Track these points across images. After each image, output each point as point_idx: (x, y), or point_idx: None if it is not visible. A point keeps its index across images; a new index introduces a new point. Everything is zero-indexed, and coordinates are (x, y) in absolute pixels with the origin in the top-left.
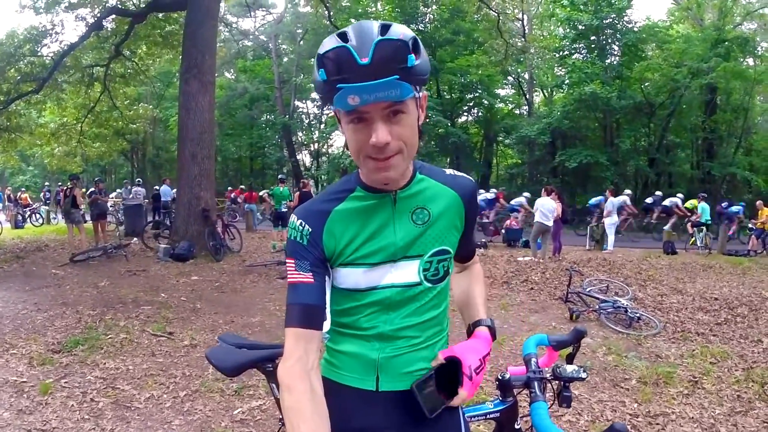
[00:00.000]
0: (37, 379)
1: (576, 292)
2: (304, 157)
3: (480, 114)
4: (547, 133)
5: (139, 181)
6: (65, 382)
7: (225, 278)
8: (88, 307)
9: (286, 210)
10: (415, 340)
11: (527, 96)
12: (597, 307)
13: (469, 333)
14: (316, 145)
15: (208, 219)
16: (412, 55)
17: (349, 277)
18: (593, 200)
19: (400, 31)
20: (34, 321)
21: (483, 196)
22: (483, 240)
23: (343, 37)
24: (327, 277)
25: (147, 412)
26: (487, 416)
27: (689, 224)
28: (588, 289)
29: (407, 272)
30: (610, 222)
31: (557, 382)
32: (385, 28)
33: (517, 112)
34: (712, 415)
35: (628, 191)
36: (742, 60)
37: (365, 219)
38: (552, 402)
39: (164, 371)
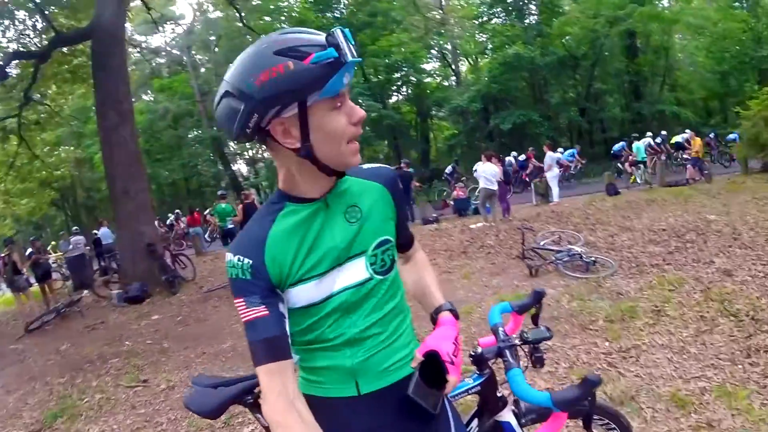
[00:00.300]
0: None
1: (531, 248)
2: (241, 167)
3: (410, 92)
4: (477, 100)
5: (76, 229)
6: None
7: (186, 310)
8: (56, 375)
9: (232, 226)
10: (382, 337)
11: (453, 67)
12: (553, 258)
13: (433, 320)
14: (251, 152)
15: (155, 253)
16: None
17: (302, 294)
18: (616, 146)
19: None
20: (6, 405)
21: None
22: (434, 215)
23: (311, 33)
24: (281, 303)
25: None
26: (469, 391)
27: (627, 164)
28: (542, 243)
29: (356, 271)
30: (552, 175)
31: (527, 345)
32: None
33: (446, 84)
34: (680, 338)
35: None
36: (657, 2)
37: (302, 232)
38: (526, 365)
39: (149, 421)
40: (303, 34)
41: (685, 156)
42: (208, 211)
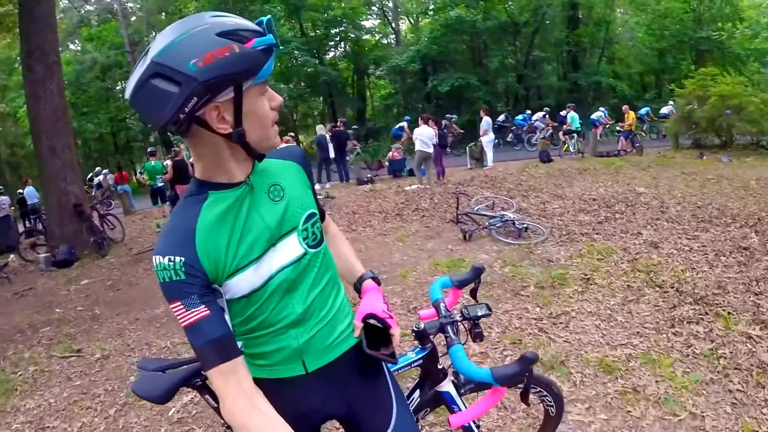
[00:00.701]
0: None
1: (465, 213)
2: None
3: (348, 48)
4: (417, 61)
5: (0, 188)
6: None
7: (116, 273)
8: None
9: (162, 184)
10: (323, 313)
11: (393, 25)
12: (486, 224)
13: (357, 289)
14: None
15: (83, 214)
16: None
17: (242, 282)
18: (594, 116)
19: None
20: None
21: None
22: (369, 175)
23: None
24: (219, 299)
25: None
26: (412, 365)
27: (561, 132)
28: (476, 208)
29: (291, 248)
30: (488, 140)
31: (467, 321)
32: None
33: (385, 41)
34: (607, 306)
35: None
36: None
37: (231, 219)
38: (466, 339)
39: (86, 393)
40: (237, 19)
41: (618, 128)
42: (138, 171)
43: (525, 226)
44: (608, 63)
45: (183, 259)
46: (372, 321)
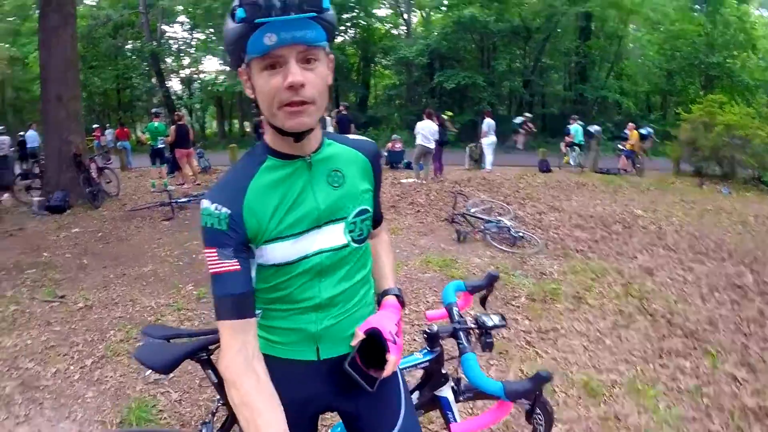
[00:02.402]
0: None
1: (461, 214)
2: (175, 86)
3: (357, 34)
4: (425, 55)
5: (2, 128)
6: None
7: (108, 227)
8: None
9: (162, 146)
10: (348, 305)
11: (405, 17)
12: (482, 227)
13: (378, 302)
14: (187, 71)
15: (81, 164)
16: None
17: (277, 251)
18: (592, 129)
19: None
20: None
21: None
22: None
23: None
24: (251, 259)
25: (57, 389)
26: (418, 366)
27: (562, 144)
28: (472, 210)
29: (334, 236)
30: (488, 142)
31: (480, 329)
32: None
33: (395, 32)
34: (597, 328)
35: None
36: None
37: (284, 189)
38: (474, 345)
39: (65, 340)
40: None
41: (620, 146)
42: (141, 131)
43: (520, 234)
44: (616, 78)
45: (229, 211)
46: (373, 337)
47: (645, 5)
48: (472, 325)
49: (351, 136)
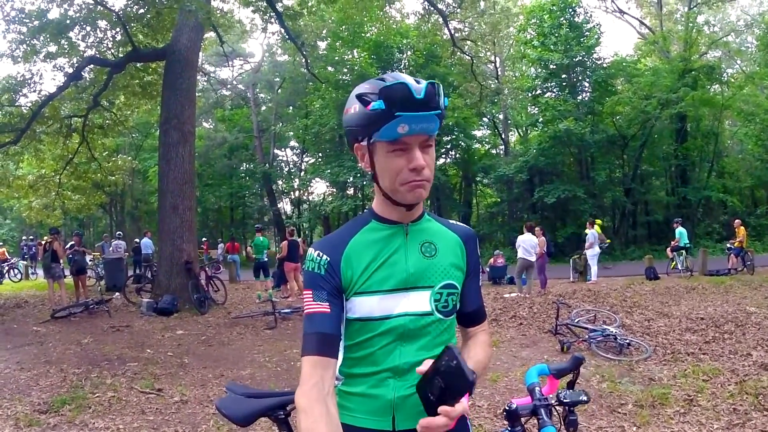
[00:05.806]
0: None
1: (565, 324)
2: (285, 206)
3: (458, 155)
4: (524, 171)
5: (119, 233)
6: None
7: (211, 331)
8: (73, 365)
9: (267, 260)
10: None
11: (503, 136)
12: (587, 336)
13: None
14: (297, 192)
15: (191, 271)
16: (446, 97)
17: (364, 304)
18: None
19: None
20: (18, 380)
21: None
22: None
23: (383, 80)
24: (343, 306)
25: None
26: None
27: (669, 249)
28: (576, 320)
29: (420, 301)
30: (592, 253)
31: (562, 407)
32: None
33: (494, 151)
34: (710, 430)
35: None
36: (709, 87)
37: (379, 247)
38: (559, 427)
39: (156, 429)
40: (380, 81)
41: (728, 245)
42: (248, 245)
43: (627, 341)
44: (718, 177)
45: (329, 259)
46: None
47: (736, 99)
48: (554, 402)
49: (451, 221)
